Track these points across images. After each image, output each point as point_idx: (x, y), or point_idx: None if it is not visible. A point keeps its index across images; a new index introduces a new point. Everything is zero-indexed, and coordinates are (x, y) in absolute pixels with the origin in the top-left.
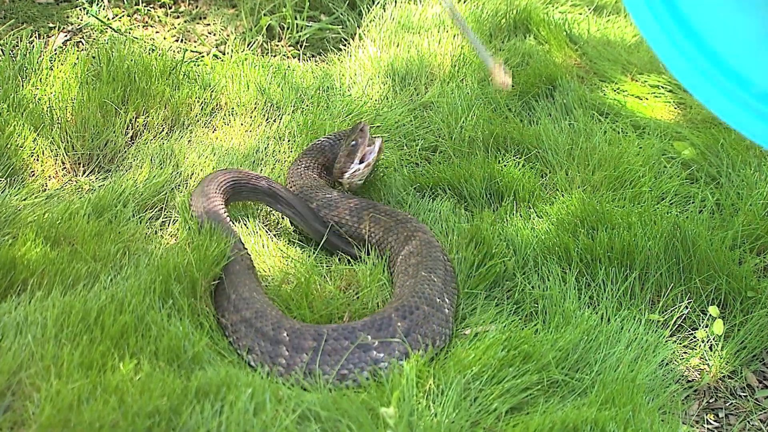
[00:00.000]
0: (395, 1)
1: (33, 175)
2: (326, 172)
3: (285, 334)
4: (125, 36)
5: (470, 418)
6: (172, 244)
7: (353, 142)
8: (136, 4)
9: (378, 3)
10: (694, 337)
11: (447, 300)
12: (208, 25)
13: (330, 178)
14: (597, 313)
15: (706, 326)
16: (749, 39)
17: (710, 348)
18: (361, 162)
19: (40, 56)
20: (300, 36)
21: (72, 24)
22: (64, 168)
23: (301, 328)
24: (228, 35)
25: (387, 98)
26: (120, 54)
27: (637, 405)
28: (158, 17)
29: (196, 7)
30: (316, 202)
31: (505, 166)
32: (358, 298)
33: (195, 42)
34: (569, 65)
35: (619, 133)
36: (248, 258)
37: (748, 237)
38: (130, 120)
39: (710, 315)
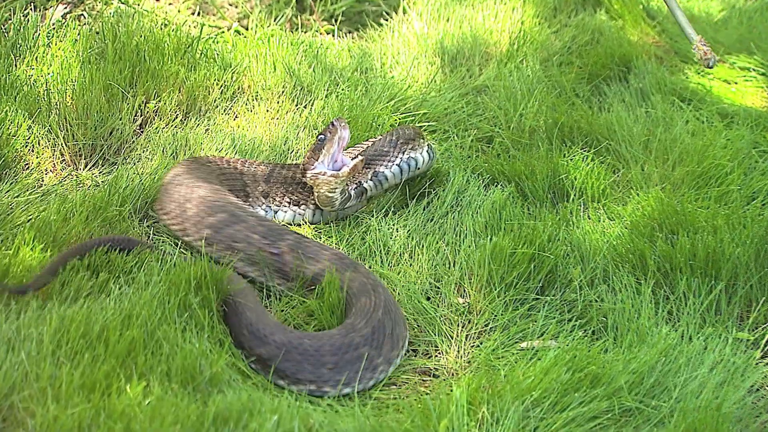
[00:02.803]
0: None
1: (27, 168)
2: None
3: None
4: (134, 8)
5: None
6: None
7: (321, 136)
8: None
9: None
10: None
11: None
12: None
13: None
14: (677, 330)
15: None
16: None
17: None
18: (331, 166)
19: (35, 31)
20: (335, 9)
21: None
22: (63, 160)
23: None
24: (252, 8)
25: (435, 81)
26: (128, 29)
27: None
28: None
29: None
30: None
31: (571, 160)
32: None
33: (214, 15)
34: (646, 44)
35: (703, 122)
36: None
37: None
38: (139, 105)
39: None
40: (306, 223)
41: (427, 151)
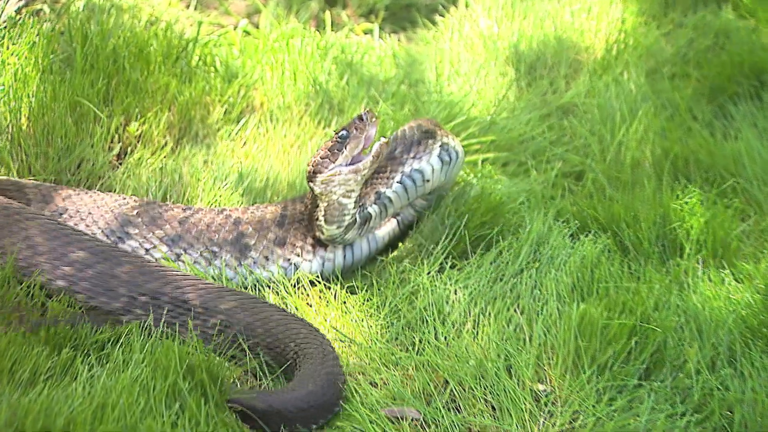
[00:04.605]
0: None
1: None
2: None
3: None
4: (110, 1)
5: None
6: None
7: (343, 132)
8: None
9: None
10: None
11: None
12: None
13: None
14: None
15: None
16: None
17: None
18: (350, 164)
19: None
20: (375, 2)
21: None
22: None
23: None
24: (265, 0)
25: (507, 98)
26: (102, 28)
27: None
28: None
29: None
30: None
31: (686, 202)
32: None
33: (216, 10)
34: None
35: None
36: None
37: None
38: (117, 128)
39: None
40: (337, 273)
41: (438, 156)
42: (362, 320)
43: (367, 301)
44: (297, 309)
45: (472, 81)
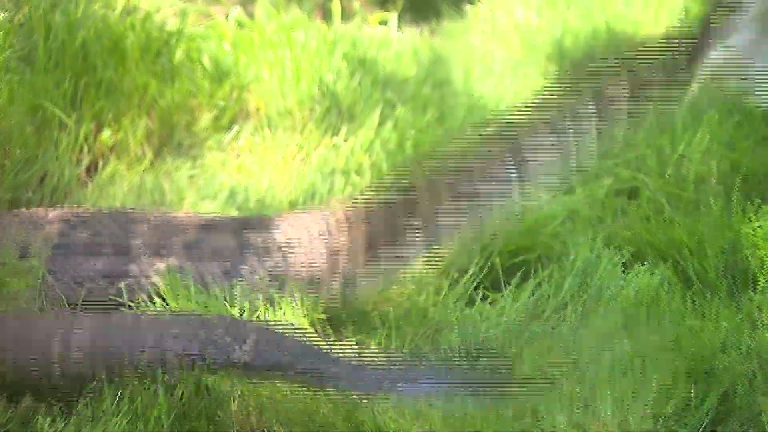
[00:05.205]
0: None
1: None
2: None
3: None
4: None
5: None
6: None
7: None
8: None
9: None
10: None
11: None
12: None
13: None
14: None
15: None
16: None
17: None
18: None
19: None
20: None
21: None
22: None
23: None
24: None
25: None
26: (69, 20)
27: None
28: None
29: None
30: None
31: (760, 226)
32: None
33: None
34: None
35: None
36: None
37: None
38: (86, 137)
39: None
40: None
41: None
42: None
43: (386, 338)
44: None
45: (508, 81)
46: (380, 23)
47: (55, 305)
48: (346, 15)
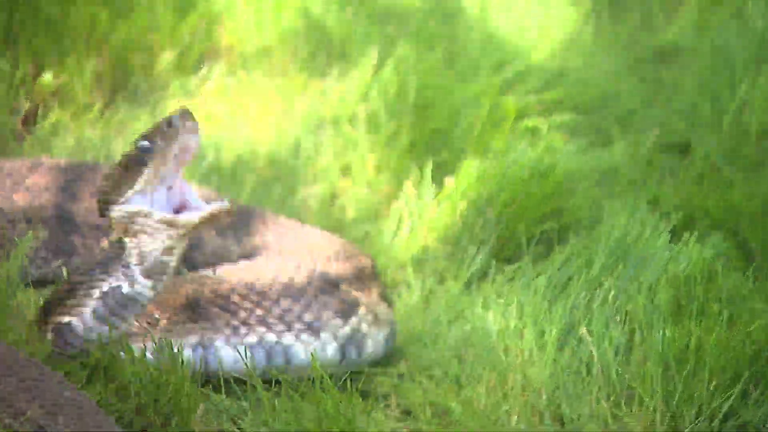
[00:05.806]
0: None
1: None
2: None
3: None
4: None
5: None
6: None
7: (143, 143)
8: None
9: None
10: None
11: None
12: None
13: None
14: None
15: None
16: None
17: None
18: (162, 202)
19: None
20: None
21: None
22: None
23: None
24: None
25: (579, 37)
26: None
27: None
28: None
29: None
30: None
31: None
32: None
33: None
34: None
35: None
36: None
37: None
38: (24, 80)
39: None
40: None
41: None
42: None
43: None
44: None
45: (532, 13)
46: None
47: None
48: None
